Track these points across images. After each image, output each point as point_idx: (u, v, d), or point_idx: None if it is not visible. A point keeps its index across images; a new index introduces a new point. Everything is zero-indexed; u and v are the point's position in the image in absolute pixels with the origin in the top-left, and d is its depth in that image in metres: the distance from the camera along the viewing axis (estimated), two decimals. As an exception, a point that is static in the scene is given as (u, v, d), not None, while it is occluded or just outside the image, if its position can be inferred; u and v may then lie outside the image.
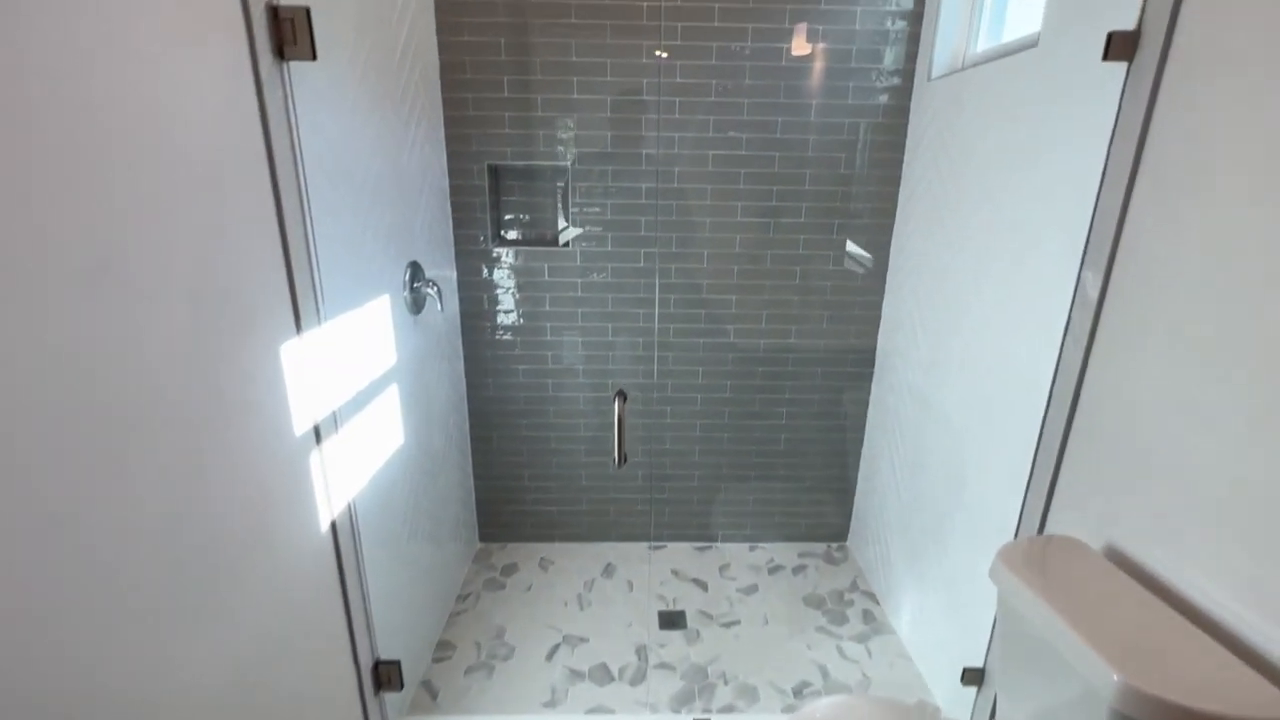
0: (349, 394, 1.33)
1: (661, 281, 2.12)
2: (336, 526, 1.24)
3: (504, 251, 2.10)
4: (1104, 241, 1.09)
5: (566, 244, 2.09)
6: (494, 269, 2.12)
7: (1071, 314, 1.17)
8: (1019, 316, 1.40)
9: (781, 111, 1.97)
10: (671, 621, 2.06)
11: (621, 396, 1.42)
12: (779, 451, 2.34)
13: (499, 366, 2.22)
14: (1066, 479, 1.20)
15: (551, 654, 1.91)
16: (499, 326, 2.18)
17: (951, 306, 1.70)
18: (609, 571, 2.29)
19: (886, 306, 2.16)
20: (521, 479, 2.36)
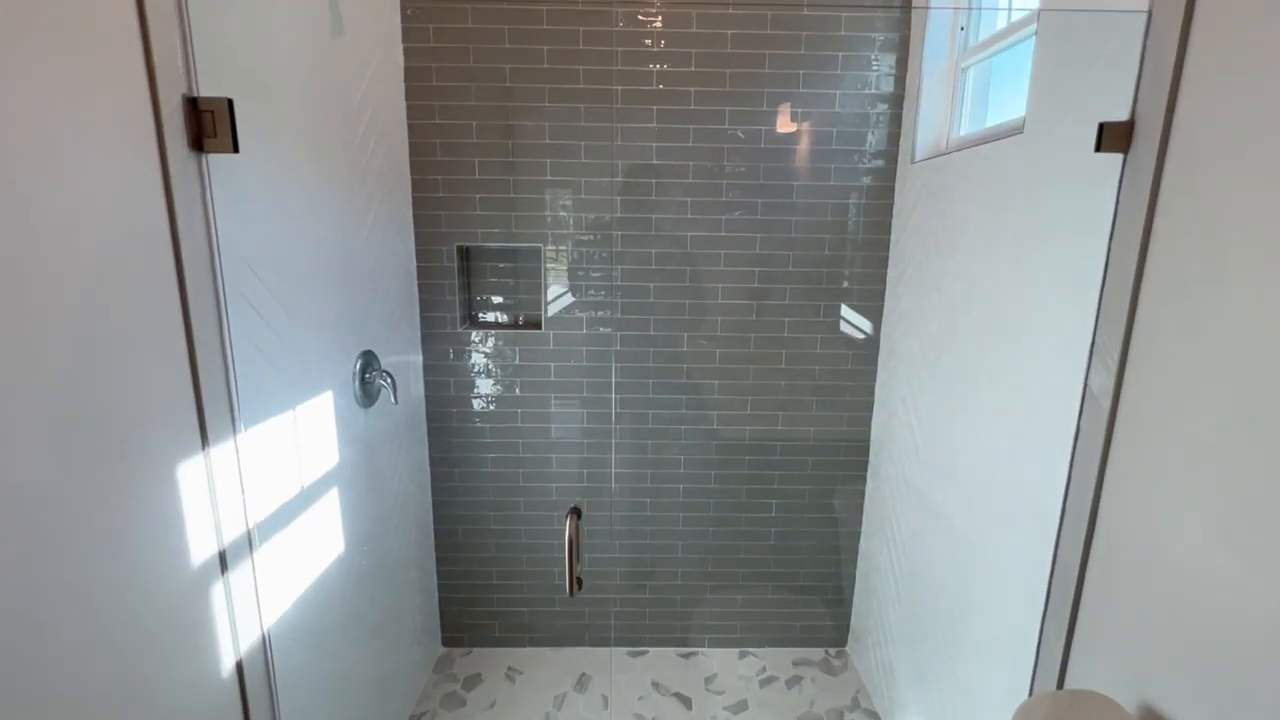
0: (273, 506, 1.19)
1: (639, 365, 2.01)
2: (243, 666, 1.06)
3: (474, 335, 2.00)
4: (1113, 342, 0.98)
5: (539, 326, 1.99)
6: (462, 353, 2.01)
7: (1080, 422, 1.04)
8: (1021, 419, 1.27)
9: (762, 193, 1.91)
10: (650, 748, 1.83)
11: (575, 514, 1.25)
12: (769, 547, 2.16)
13: (466, 455, 2.07)
14: (1089, 612, 1.04)
15: (511, 791, 1.68)
16: (467, 413, 2.05)
17: (949, 397, 1.58)
18: (582, 684, 2.06)
19: (879, 390, 2.03)
20: (489, 577, 2.17)
